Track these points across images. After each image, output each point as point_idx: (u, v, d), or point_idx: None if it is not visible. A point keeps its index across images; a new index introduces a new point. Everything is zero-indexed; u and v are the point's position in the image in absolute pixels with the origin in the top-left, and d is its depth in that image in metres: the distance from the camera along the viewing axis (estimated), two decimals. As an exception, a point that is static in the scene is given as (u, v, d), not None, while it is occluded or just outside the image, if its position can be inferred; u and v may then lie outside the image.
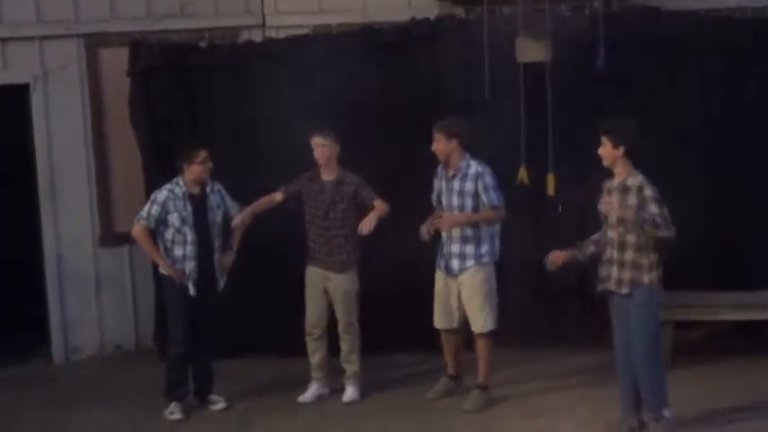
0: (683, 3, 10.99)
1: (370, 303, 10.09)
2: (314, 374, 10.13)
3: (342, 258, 9.88)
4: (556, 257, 8.85)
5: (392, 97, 10.97)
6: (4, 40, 11.11)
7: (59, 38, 11.25)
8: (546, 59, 10.49)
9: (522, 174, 10.40)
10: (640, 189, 8.39)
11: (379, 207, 9.72)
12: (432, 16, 11.09)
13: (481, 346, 9.77)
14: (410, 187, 10.44)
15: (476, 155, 9.81)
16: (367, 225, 9.58)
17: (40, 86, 11.25)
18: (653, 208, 8.32)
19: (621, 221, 8.48)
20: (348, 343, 10.00)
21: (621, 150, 8.49)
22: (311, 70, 10.98)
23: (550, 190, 10.38)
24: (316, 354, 10.08)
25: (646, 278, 8.47)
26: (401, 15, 11.13)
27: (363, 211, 9.82)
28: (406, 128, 10.78)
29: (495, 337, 9.74)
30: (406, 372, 10.67)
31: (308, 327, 10.04)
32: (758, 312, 10.33)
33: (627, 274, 8.50)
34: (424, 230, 9.59)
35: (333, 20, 11.33)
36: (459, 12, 11.13)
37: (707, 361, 10.41)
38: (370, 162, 10.42)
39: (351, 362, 10.06)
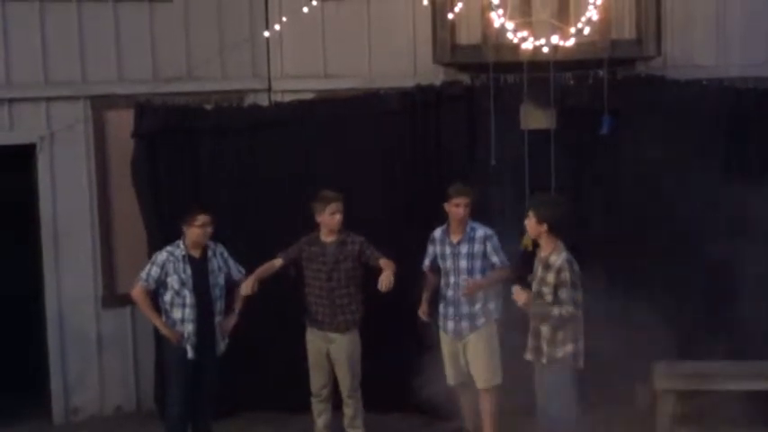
0: (686, 72, 11.05)
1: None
2: (319, 436, 10.15)
3: (346, 318, 9.91)
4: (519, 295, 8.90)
5: (397, 163, 11.00)
6: (12, 100, 11.12)
7: (66, 99, 11.25)
8: (551, 127, 10.56)
9: (527, 240, 10.40)
10: (560, 271, 8.67)
11: (389, 265, 9.69)
12: (437, 83, 11.14)
13: (488, 401, 9.89)
14: (416, 251, 10.39)
15: (479, 220, 9.89)
16: (386, 281, 9.51)
17: (46, 147, 11.24)
18: (565, 292, 8.59)
19: (538, 295, 8.79)
20: (352, 408, 10.01)
21: (545, 227, 8.83)
22: (316, 135, 11.04)
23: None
24: (322, 415, 10.11)
25: (560, 353, 8.76)
26: (406, 81, 11.18)
27: (366, 270, 9.84)
28: (409, 192, 10.82)
29: (502, 392, 9.87)
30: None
31: (314, 389, 10.07)
32: (762, 382, 10.27)
33: (544, 347, 8.79)
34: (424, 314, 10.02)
35: (338, 85, 11.39)
36: (465, 78, 11.18)
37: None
38: (374, 226, 10.40)
39: (355, 426, 10.07)
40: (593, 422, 9.37)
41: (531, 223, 8.94)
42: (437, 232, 10.04)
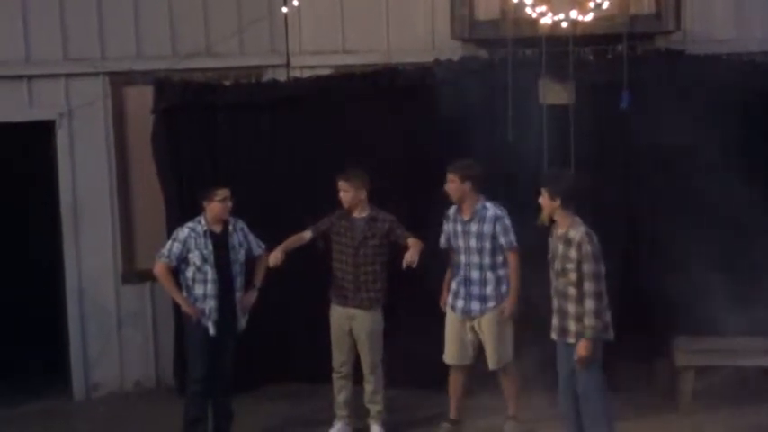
0: (706, 46, 11.01)
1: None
2: (339, 412, 10.15)
3: (369, 296, 9.90)
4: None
5: (415, 138, 10.99)
6: (31, 77, 11.14)
7: (85, 75, 11.26)
8: (569, 102, 10.53)
9: (544, 216, 10.39)
10: (580, 245, 8.65)
11: (417, 244, 9.66)
12: (455, 57, 11.11)
13: (505, 381, 9.89)
14: (435, 229, 10.38)
15: (497, 196, 9.86)
16: (409, 257, 9.49)
17: (65, 124, 11.26)
18: (588, 266, 8.58)
19: (563, 272, 8.72)
20: (373, 384, 10.02)
21: (558, 202, 8.82)
22: (334, 110, 11.03)
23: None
24: (342, 391, 10.11)
25: None
26: (425, 57, 11.17)
27: (394, 248, 9.85)
28: (429, 169, 10.80)
29: (517, 368, 9.88)
30: (428, 412, 10.61)
31: (335, 365, 10.08)
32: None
33: (571, 325, 8.74)
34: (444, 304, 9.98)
35: (356, 60, 11.37)
36: (483, 53, 11.16)
37: (728, 407, 10.33)
38: (392, 202, 10.38)
39: (375, 402, 10.07)
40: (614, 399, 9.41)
41: (544, 201, 8.93)
42: (451, 210, 9.96)
